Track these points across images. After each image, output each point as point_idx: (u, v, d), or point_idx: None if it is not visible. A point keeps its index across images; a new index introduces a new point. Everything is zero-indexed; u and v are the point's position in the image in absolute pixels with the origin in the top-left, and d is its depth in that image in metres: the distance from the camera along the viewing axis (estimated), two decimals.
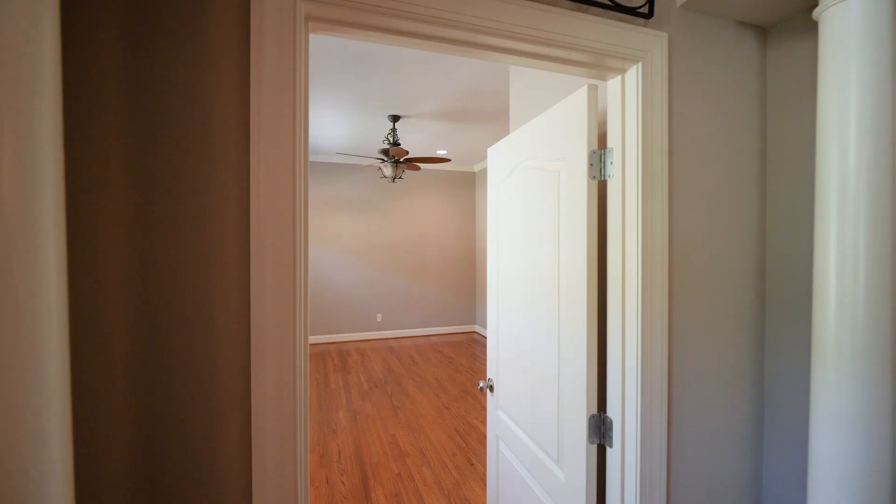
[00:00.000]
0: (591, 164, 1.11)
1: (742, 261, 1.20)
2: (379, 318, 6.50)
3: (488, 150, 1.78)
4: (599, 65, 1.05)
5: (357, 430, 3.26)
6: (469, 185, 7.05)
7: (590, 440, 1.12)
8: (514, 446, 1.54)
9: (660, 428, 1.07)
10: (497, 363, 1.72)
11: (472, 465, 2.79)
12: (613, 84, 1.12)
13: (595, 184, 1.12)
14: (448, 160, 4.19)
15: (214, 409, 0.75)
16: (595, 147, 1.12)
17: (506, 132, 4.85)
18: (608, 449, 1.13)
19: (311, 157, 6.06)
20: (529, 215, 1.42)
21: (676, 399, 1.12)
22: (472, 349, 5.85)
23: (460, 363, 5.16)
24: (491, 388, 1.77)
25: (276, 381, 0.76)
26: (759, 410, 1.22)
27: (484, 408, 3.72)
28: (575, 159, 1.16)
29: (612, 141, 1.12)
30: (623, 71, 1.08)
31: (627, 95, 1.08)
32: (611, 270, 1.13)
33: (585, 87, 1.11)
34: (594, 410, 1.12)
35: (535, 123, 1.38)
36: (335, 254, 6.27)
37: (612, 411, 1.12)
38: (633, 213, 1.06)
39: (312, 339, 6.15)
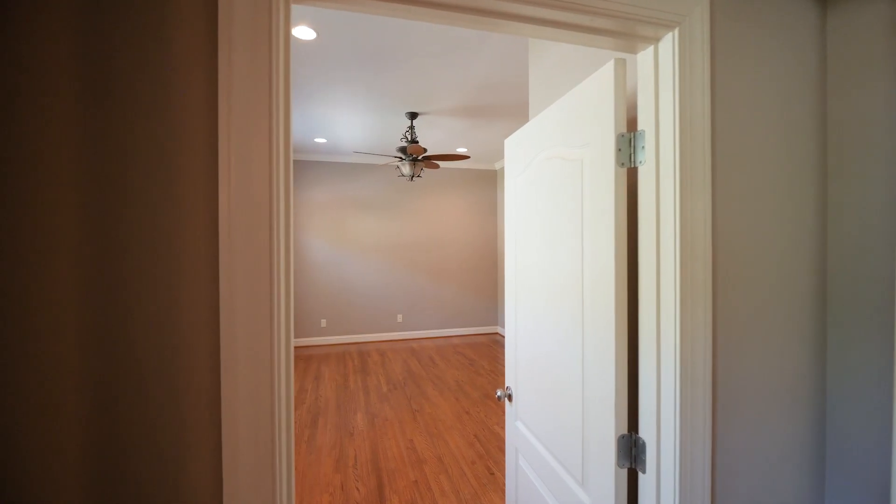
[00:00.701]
0: (618, 150, 0.98)
1: (799, 260, 1.04)
2: (399, 318, 6.44)
3: (505, 141, 1.65)
4: (628, 33, 0.91)
5: (374, 434, 3.19)
6: (490, 183, 6.91)
7: (619, 463, 0.98)
8: (534, 462, 1.41)
9: (702, 452, 0.92)
10: (516, 371, 1.59)
11: (493, 474, 2.66)
12: (645, 56, 0.98)
13: (624, 171, 0.98)
14: (467, 157, 4.07)
15: (177, 442, 0.67)
16: (623, 130, 0.99)
17: None
18: (640, 475, 0.99)
19: (329, 157, 6.06)
20: (549, 210, 1.29)
21: (722, 419, 0.96)
22: (493, 351, 5.71)
23: (481, 365, 5.03)
24: (510, 398, 1.64)
25: (250, 422, 0.67)
26: (819, 434, 1.05)
27: (505, 413, 3.58)
28: (600, 145, 1.02)
29: (644, 122, 0.98)
30: (656, 40, 0.94)
31: (662, 68, 0.94)
32: (643, 270, 0.99)
33: (612, 62, 0.97)
34: (624, 430, 0.98)
35: (556, 108, 1.25)
36: (355, 254, 6.25)
37: (646, 432, 0.98)
38: (670, 204, 0.92)
39: (333, 339, 6.15)
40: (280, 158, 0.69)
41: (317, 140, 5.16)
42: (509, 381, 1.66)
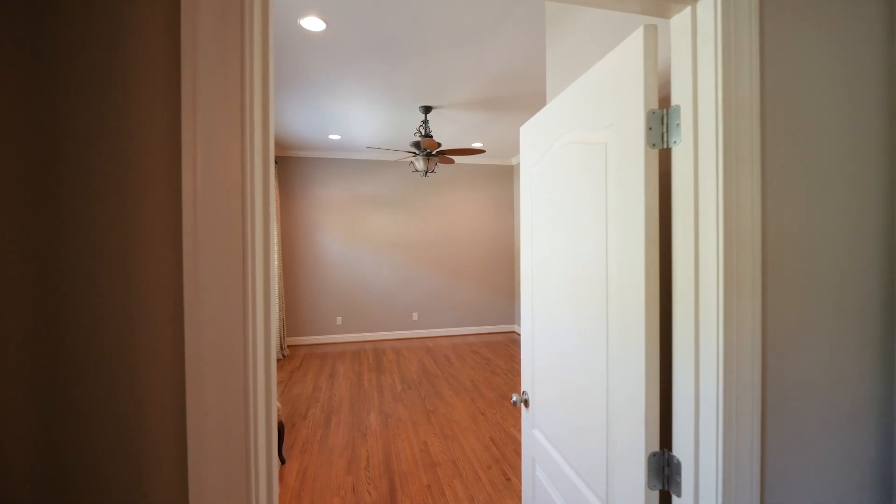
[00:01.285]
0: (649, 129, 0.86)
1: (863, 257, 0.90)
2: (415, 316, 6.38)
3: (521, 129, 1.54)
4: None
5: (388, 435, 3.12)
6: (506, 178, 6.77)
7: (650, 484, 0.87)
8: (553, 475, 1.30)
9: (749, 475, 0.80)
10: (532, 374, 1.49)
11: (509, 479, 2.56)
12: (680, 21, 0.86)
13: (655, 153, 0.86)
14: (482, 151, 3.96)
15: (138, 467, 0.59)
16: (655, 106, 0.87)
17: None
18: (675, 498, 0.87)
19: (344, 154, 6.02)
20: (569, 201, 1.17)
21: (772, 436, 0.84)
22: (510, 350, 5.58)
23: (497, 365, 4.91)
24: (526, 403, 1.54)
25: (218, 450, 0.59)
26: (887, 452, 0.91)
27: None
28: (628, 124, 0.91)
29: (679, 96, 0.86)
30: (693, 0, 0.82)
31: (701, 33, 0.81)
32: (678, 264, 0.87)
33: (640, 29, 0.86)
34: (655, 447, 0.87)
35: (576, 87, 1.13)
36: (371, 251, 6.21)
37: (681, 449, 0.86)
38: (711, 190, 0.80)
39: (349, 337, 6.13)
40: (255, 141, 0.61)
41: (331, 136, 5.13)
42: (525, 385, 1.55)
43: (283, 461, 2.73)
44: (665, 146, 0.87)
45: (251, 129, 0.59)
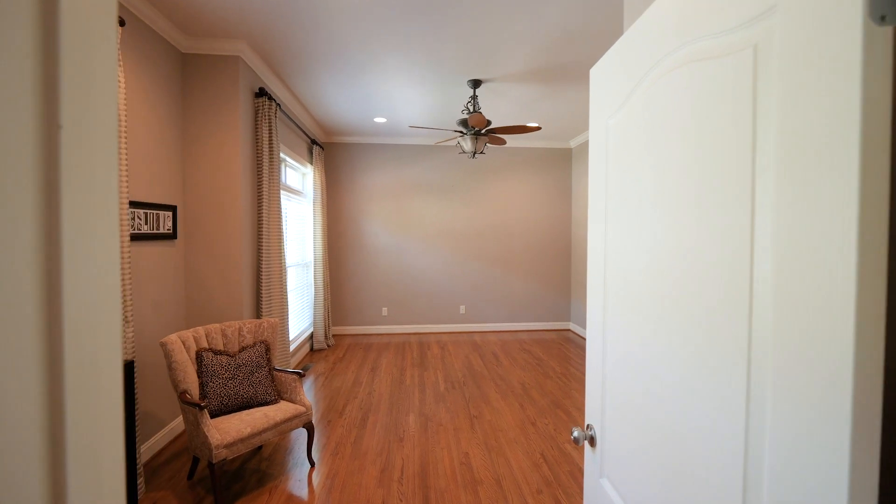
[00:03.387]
0: None
1: None
2: (462, 310, 6.07)
3: (591, 71, 1.13)
4: None
5: (426, 442, 2.84)
6: (564, 163, 6.19)
7: None
8: None
9: None
10: (602, 406, 1.09)
11: None
12: None
13: (887, 34, 0.44)
14: (537, 128, 3.51)
15: None
16: None
17: None
18: None
19: (390, 140, 5.79)
20: (673, 160, 0.77)
21: None
22: (564, 350, 5.10)
23: (550, 367, 4.47)
24: (591, 441, 1.15)
25: None
26: None
27: (580, 426, 3.03)
28: None
29: None
30: None
31: None
32: None
33: None
34: None
35: None
36: (417, 240, 5.97)
37: None
38: None
39: (394, 328, 5.97)
40: None
41: (376, 120, 4.90)
42: (591, 417, 1.16)
43: (312, 464, 2.54)
44: None
45: None
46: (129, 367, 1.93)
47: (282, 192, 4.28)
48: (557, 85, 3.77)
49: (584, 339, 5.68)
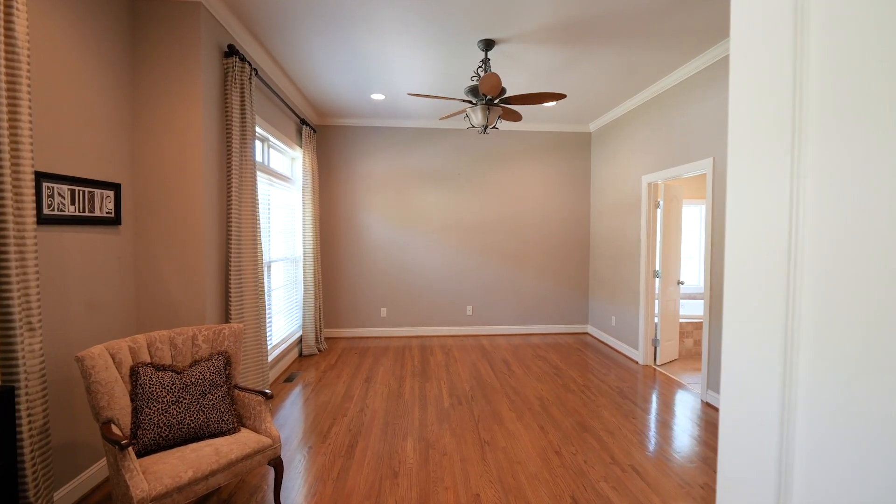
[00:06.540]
0: None
1: None
2: (469, 311, 5.51)
3: None
4: None
5: (427, 478, 2.29)
6: (583, 149, 5.60)
7: None
8: None
9: None
10: None
11: None
12: None
13: None
14: (562, 96, 2.92)
15: None
16: None
17: (659, 59, 3.25)
18: None
19: (389, 122, 5.22)
20: None
21: None
22: (584, 357, 4.52)
23: (570, 377, 3.90)
24: None
25: None
26: None
27: (615, 461, 2.46)
28: None
29: None
30: None
31: None
32: None
33: None
34: None
35: None
36: (420, 234, 5.41)
37: None
38: None
39: (393, 331, 5.42)
40: None
41: (373, 97, 4.34)
42: None
43: None
44: None
45: None
46: (5, 396, 1.38)
47: (266, 176, 3.74)
48: (584, 48, 3.19)
49: (605, 343, 5.09)
